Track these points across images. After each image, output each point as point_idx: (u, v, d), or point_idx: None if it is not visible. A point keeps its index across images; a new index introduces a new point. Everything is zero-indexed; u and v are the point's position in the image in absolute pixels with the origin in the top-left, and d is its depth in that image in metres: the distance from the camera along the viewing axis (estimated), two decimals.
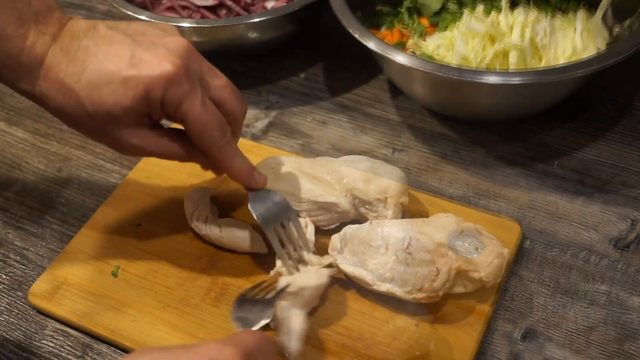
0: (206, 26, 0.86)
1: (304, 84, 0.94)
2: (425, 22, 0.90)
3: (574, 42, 0.83)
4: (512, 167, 0.80)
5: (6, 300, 0.72)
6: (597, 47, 0.83)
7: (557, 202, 0.76)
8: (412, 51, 0.86)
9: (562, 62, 0.81)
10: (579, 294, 0.68)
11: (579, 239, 0.73)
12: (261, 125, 0.88)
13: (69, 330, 0.68)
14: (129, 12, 0.87)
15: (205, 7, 0.95)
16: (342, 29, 0.81)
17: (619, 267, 0.70)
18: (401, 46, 0.87)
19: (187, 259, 0.72)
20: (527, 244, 0.72)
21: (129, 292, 0.69)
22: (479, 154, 0.82)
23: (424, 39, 0.88)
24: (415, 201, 0.74)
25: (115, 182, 0.82)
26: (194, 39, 0.88)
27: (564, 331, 0.65)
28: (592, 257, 0.71)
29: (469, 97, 0.79)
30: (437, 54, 0.85)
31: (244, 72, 0.96)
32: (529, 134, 0.84)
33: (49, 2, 0.59)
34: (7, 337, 0.69)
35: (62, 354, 0.67)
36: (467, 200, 0.77)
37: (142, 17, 0.86)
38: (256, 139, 0.86)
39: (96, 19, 0.61)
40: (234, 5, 0.94)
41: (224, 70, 0.63)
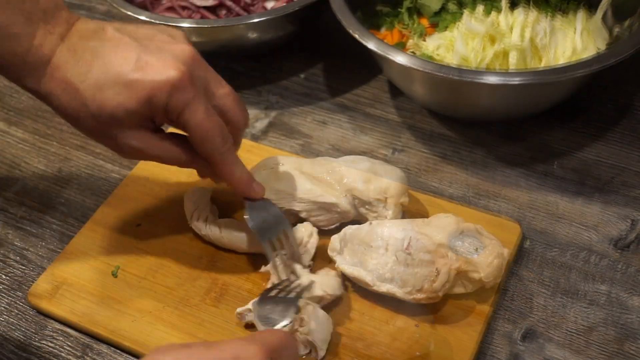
0: (206, 26, 0.86)
1: (304, 84, 0.94)
2: (425, 22, 0.90)
3: (574, 42, 0.83)
4: (512, 167, 0.80)
5: (6, 300, 0.72)
6: (597, 47, 0.83)
7: (557, 202, 0.76)
8: (412, 51, 0.86)
9: (562, 62, 0.81)
10: (579, 294, 0.68)
11: (579, 239, 0.72)
12: (261, 125, 0.88)
13: (69, 330, 0.68)
14: (129, 13, 0.87)
15: (205, 7, 0.95)
16: (342, 29, 0.81)
17: (619, 267, 0.70)
18: (401, 46, 0.87)
19: (187, 259, 0.72)
20: (527, 244, 0.72)
21: (128, 292, 0.69)
22: (479, 154, 0.82)
23: (424, 40, 0.88)
24: (415, 201, 0.74)
25: (115, 182, 0.82)
26: (194, 39, 0.87)
27: (564, 331, 0.65)
28: (592, 258, 0.71)
29: (469, 98, 0.79)
30: (437, 54, 0.85)
31: (244, 72, 0.96)
32: (529, 134, 0.84)
33: (57, 1, 0.59)
34: (7, 337, 0.68)
35: (62, 354, 0.67)
36: (467, 200, 0.77)
37: (142, 18, 0.86)
38: (256, 139, 0.86)
39: (104, 21, 0.61)
40: (233, 5, 0.94)
41: (224, 70, 0.63)
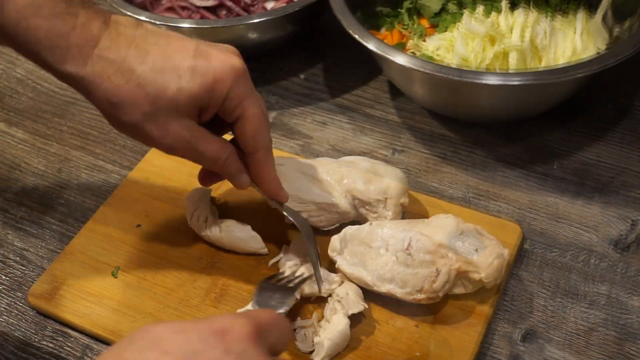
0: (206, 27, 0.86)
1: (304, 85, 0.94)
2: (425, 23, 0.90)
3: (574, 43, 0.83)
4: (512, 168, 0.80)
5: (6, 301, 0.72)
6: (597, 47, 0.83)
7: (557, 203, 0.76)
8: (412, 52, 0.86)
9: (562, 63, 0.81)
10: (579, 295, 0.68)
11: (579, 240, 0.72)
12: None
13: (69, 331, 0.68)
14: (129, 13, 0.87)
15: (205, 7, 0.95)
16: (342, 29, 0.81)
17: (619, 268, 0.70)
18: (401, 47, 0.87)
19: (187, 259, 0.72)
20: (527, 245, 0.72)
21: (128, 293, 0.69)
22: (479, 155, 0.82)
23: (424, 40, 0.88)
24: (415, 202, 0.74)
25: (115, 183, 0.82)
26: None
27: (564, 332, 0.65)
28: (592, 259, 0.71)
29: (469, 98, 0.79)
30: (437, 54, 0.85)
31: None
32: (529, 135, 0.84)
33: None
34: (7, 337, 0.68)
35: (62, 355, 0.67)
36: (467, 201, 0.77)
37: (142, 18, 0.86)
38: None
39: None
40: (233, 5, 0.94)
41: None
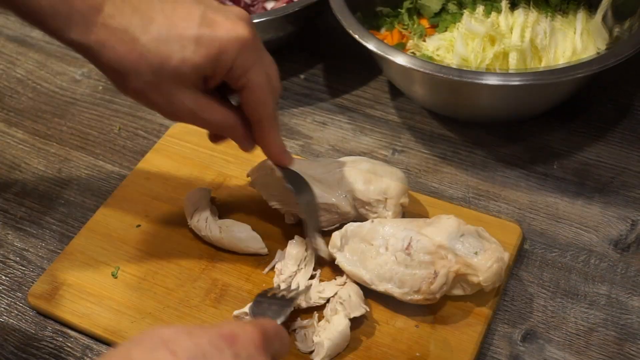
0: None
1: (304, 85, 0.94)
2: (425, 23, 0.90)
3: (574, 43, 0.83)
4: (512, 168, 0.80)
5: (6, 301, 0.72)
6: (597, 48, 0.83)
7: (557, 203, 0.76)
8: (412, 52, 0.86)
9: (562, 63, 0.81)
10: (579, 295, 0.68)
11: (579, 240, 0.72)
12: None
13: (69, 331, 0.68)
14: None
15: None
16: (342, 30, 0.81)
17: (619, 268, 0.70)
18: (401, 47, 0.87)
19: (187, 259, 0.72)
20: (527, 245, 0.72)
21: (128, 293, 0.69)
22: (479, 155, 0.82)
23: (424, 40, 0.88)
24: (415, 202, 0.74)
25: (115, 183, 0.82)
26: None
27: (564, 333, 0.65)
28: (592, 259, 0.71)
29: (469, 98, 0.79)
30: (437, 55, 0.85)
31: None
32: (529, 135, 0.84)
33: None
34: (7, 338, 0.68)
35: (62, 355, 0.67)
36: (467, 201, 0.77)
37: None
38: None
39: None
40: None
41: None
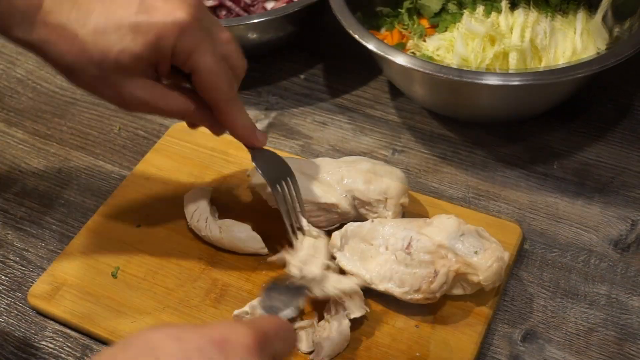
0: None
1: (304, 85, 0.94)
2: (425, 23, 0.90)
3: (574, 43, 0.83)
4: (512, 168, 0.80)
5: (6, 301, 0.72)
6: (597, 48, 0.83)
7: (557, 203, 0.76)
8: (412, 52, 0.86)
9: (562, 63, 0.81)
10: (579, 295, 0.68)
11: (579, 240, 0.72)
12: (261, 126, 0.88)
13: (69, 331, 0.68)
14: None
15: None
16: (342, 30, 0.81)
17: (619, 268, 0.70)
18: (401, 47, 0.87)
19: (186, 259, 0.72)
20: (527, 245, 0.72)
21: (128, 293, 0.69)
22: (479, 155, 0.82)
23: (424, 40, 0.88)
24: (415, 202, 0.74)
25: (114, 183, 0.82)
26: None
27: (564, 333, 0.65)
28: (592, 259, 0.71)
29: (469, 98, 0.79)
30: (437, 55, 0.85)
31: None
32: (529, 135, 0.84)
33: None
34: (7, 338, 0.68)
35: (62, 355, 0.67)
36: (467, 201, 0.77)
37: None
38: None
39: None
40: (233, 6, 0.94)
41: None
